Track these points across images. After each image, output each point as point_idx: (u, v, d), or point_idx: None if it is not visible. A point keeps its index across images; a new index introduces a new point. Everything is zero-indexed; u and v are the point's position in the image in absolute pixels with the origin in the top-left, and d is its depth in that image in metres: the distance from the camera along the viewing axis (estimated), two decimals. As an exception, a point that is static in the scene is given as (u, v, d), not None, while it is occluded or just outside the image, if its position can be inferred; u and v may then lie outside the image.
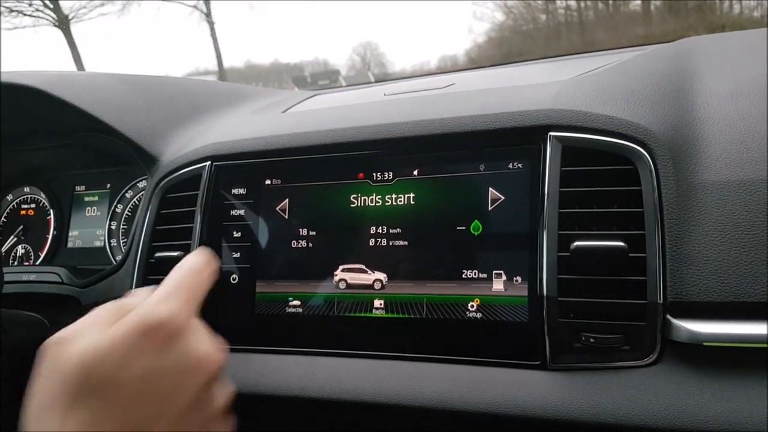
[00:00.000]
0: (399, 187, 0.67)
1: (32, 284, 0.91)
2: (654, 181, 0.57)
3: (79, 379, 0.36)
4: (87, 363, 0.36)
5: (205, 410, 0.41)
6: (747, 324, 0.51)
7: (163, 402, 0.38)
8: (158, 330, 0.38)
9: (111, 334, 0.37)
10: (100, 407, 0.36)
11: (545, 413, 0.56)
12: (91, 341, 0.37)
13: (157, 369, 0.37)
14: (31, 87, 0.87)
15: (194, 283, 0.44)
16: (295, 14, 12.92)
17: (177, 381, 0.38)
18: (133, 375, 0.36)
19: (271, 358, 0.69)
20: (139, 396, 0.37)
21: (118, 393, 0.36)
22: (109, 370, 0.36)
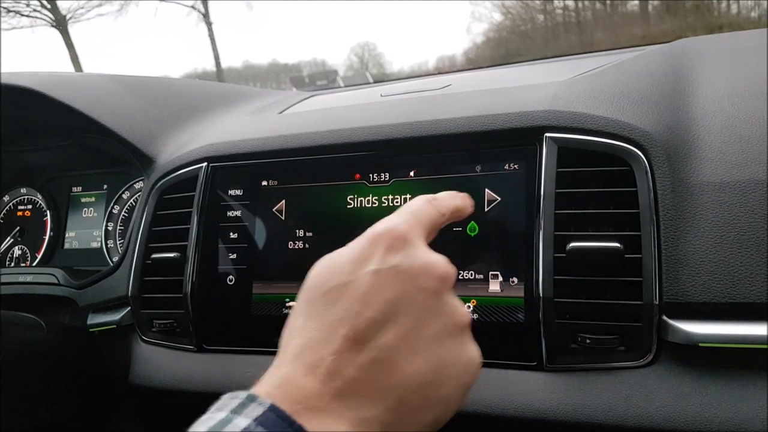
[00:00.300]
0: (395, 188, 0.67)
1: (29, 285, 0.90)
2: (650, 182, 0.57)
3: (314, 283, 0.41)
4: (323, 268, 0.42)
5: (439, 319, 0.41)
6: (743, 325, 0.51)
7: (393, 303, 0.39)
8: (383, 236, 0.42)
9: (347, 246, 0.43)
10: (329, 309, 0.39)
11: (541, 414, 0.56)
12: (330, 254, 0.43)
13: (383, 270, 0.40)
14: (27, 88, 0.87)
15: (422, 208, 0.47)
16: (293, 14, 12.94)
17: (404, 283, 0.40)
18: (363, 275, 0.40)
19: (268, 360, 0.69)
20: (367, 295, 0.39)
21: (347, 294, 0.39)
22: (341, 274, 0.40)
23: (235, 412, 0.34)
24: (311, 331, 0.39)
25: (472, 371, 0.42)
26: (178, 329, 0.75)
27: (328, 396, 0.36)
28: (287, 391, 0.36)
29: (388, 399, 0.37)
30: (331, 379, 0.36)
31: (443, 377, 0.40)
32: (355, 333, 0.38)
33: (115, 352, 0.81)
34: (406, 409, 0.38)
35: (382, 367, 0.38)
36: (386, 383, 0.38)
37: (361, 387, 0.37)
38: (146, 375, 0.76)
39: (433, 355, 0.40)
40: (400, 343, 0.38)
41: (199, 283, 0.74)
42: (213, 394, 0.70)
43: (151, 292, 0.78)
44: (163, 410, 0.85)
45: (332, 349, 0.37)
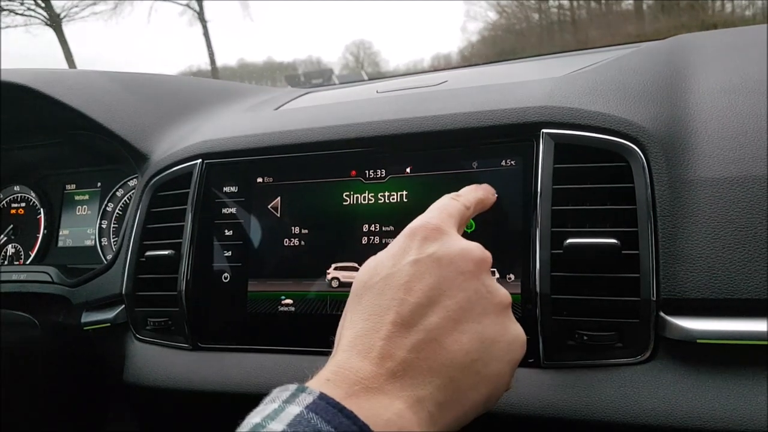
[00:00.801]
0: (392, 184, 0.67)
1: (22, 284, 0.90)
2: (647, 178, 0.57)
3: (361, 281, 0.45)
4: (368, 268, 0.46)
5: (480, 300, 0.43)
6: (741, 321, 0.51)
7: (434, 287, 0.42)
8: (418, 230, 0.45)
9: (388, 246, 0.47)
10: (376, 300, 0.43)
11: (539, 411, 0.56)
12: (374, 255, 0.47)
13: (422, 259, 0.43)
14: (20, 84, 0.86)
15: (448, 203, 0.50)
16: (288, 13, 12.93)
17: (442, 269, 0.43)
18: (403, 266, 0.43)
19: (263, 358, 0.69)
20: (410, 283, 0.42)
21: (391, 284, 0.43)
22: (384, 268, 0.44)
23: (287, 402, 0.35)
24: (361, 322, 0.42)
25: (517, 348, 0.45)
26: (172, 327, 0.75)
27: (382, 377, 0.38)
28: (344, 375, 0.38)
29: (439, 377, 0.40)
30: (384, 362, 0.39)
31: (490, 354, 0.42)
32: (402, 318, 0.41)
33: (110, 351, 0.81)
34: (458, 386, 0.40)
35: (430, 347, 0.40)
36: (436, 362, 0.40)
37: (412, 367, 0.39)
38: (140, 373, 0.76)
39: (478, 333, 0.42)
40: (446, 324, 0.41)
41: (193, 281, 0.73)
42: (208, 392, 0.71)
43: (146, 290, 0.77)
44: (158, 409, 0.84)
45: (382, 335, 0.40)
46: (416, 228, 0.46)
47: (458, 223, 0.49)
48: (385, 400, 0.37)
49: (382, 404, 0.37)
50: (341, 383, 0.38)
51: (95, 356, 0.83)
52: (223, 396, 0.69)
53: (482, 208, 0.56)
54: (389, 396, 0.38)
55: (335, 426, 0.33)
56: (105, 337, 0.81)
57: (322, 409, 0.34)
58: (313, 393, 0.35)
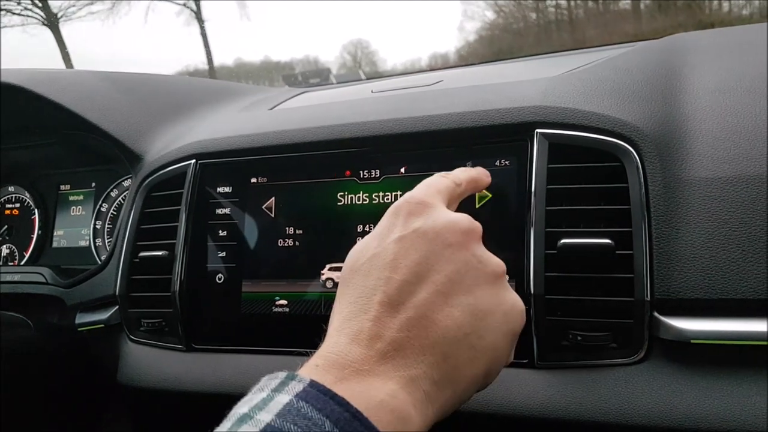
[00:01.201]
0: (386, 184, 0.67)
1: (16, 285, 0.89)
2: (641, 178, 0.56)
3: (347, 265, 0.44)
4: (355, 251, 0.45)
5: (471, 271, 0.42)
6: (735, 321, 0.51)
7: (421, 263, 0.41)
8: (402, 206, 0.44)
9: (376, 226, 0.46)
10: (362, 282, 0.42)
11: (533, 412, 0.56)
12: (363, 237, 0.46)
13: (406, 235, 0.42)
14: (13, 85, 0.86)
15: (436, 179, 0.49)
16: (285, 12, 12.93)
17: (429, 243, 0.42)
18: (388, 244, 0.42)
19: (257, 359, 0.69)
20: (395, 261, 0.41)
21: (377, 264, 0.42)
22: (370, 249, 0.43)
23: (276, 390, 0.34)
24: (349, 305, 0.41)
25: (515, 317, 0.44)
26: (166, 328, 0.75)
27: (373, 359, 0.37)
28: (333, 360, 0.37)
29: (432, 354, 0.39)
30: (373, 343, 0.38)
31: (485, 326, 0.41)
32: (389, 297, 0.40)
33: (104, 352, 0.80)
34: (452, 362, 0.39)
35: (420, 324, 0.39)
36: (427, 340, 0.39)
37: (404, 347, 0.38)
38: (134, 375, 0.76)
39: (470, 306, 0.41)
40: (435, 299, 0.40)
41: (187, 282, 0.73)
42: (202, 393, 0.70)
43: (139, 290, 0.77)
44: (153, 410, 0.84)
45: (371, 316, 0.39)
46: (400, 204, 0.45)
47: (447, 198, 0.48)
48: (378, 382, 0.36)
49: (374, 386, 0.36)
50: (331, 368, 0.37)
51: (89, 357, 0.83)
52: (218, 397, 0.69)
53: (475, 188, 0.54)
54: (381, 378, 0.37)
55: (327, 414, 0.32)
56: (99, 338, 0.81)
57: (312, 396, 0.33)
58: (303, 380, 0.34)
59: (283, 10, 7.50)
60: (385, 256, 0.42)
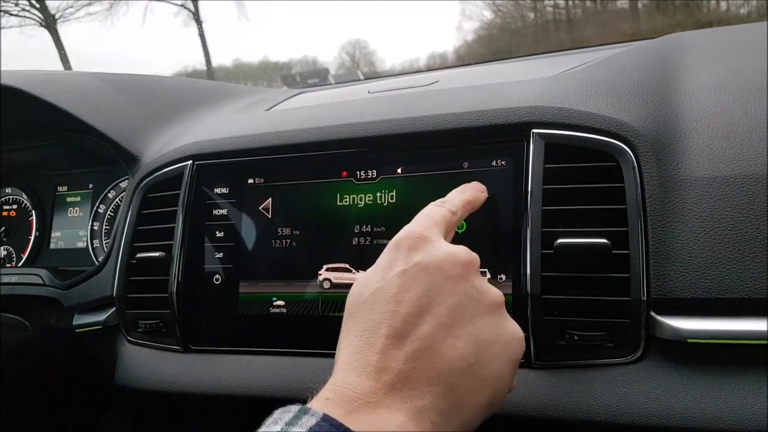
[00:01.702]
0: (383, 185, 0.67)
1: (14, 286, 0.89)
2: (637, 178, 0.56)
3: (352, 300, 0.45)
4: (358, 285, 0.46)
5: (471, 302, 0.43)
6: (731, 320, 0.51)
7: (423, 296, 0.42)
8: (403, 240, 0.45)
9: (377, 260, 0.47)
10: (368, 315, 0.42)
11: (530, 411, 0.56)
12: (363, 272, 0.47)
13: (408, 269, 0.43)
14: (10, 86, 0.86)
15: (433, 210, 0.50)
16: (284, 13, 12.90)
17: (430, 276, 0.43)
18: (391, 278, 0.43)
19: (255, 359, 0.69)
20: (399, 294, 0.42)
21: (381, 298, 0.43)
22: (373, 283, 0.44)
23: (290, 424, 0.35)
24: (356, 339, 0.42)
25: (515, 346, 0.45)
26: (163, 329, 0.75)
27: (381, 391, 0.38)
28: (343, 393, 0.38)
29: (438, 385, 0.40)
30: (381, 376, 0.39)
31: (487, 356, 0.42)
32: (395, 330, 0.41)
33: (101, 353, 0.80)
34: (458, 392, 0.40)
35: (425, 356, 0.40)
36: (433, 371, 0.40)
37: (410, 378, 0.39)
38: (132, 376, 0.76)
39: (472, 336, 0.42)
40: (439, 331, 0.41)
41: (184, 283, 0.73)
42: (199, 394, 0.70)
43: (137, 292, 0.77)
44: (151, 411, 0.84)
45: (377, 349, 0.40)
46: (401, 239, 0.46)
47: (444, 229, 0.49)
48: (386, 414, 0.37)
49: (383, 418, 0.37)
50: (341, 401, 0.37)
51: (87, 359, 0.83)
52: (216, 398, 0.69)
53: (471, 209, 0.55)
54: (389, 409, 0.38)
55: None
56: (97, 339, 0.81)
57: (326, 430, 0.34)
58: (316, 414, 0.35)
59: (281, 10, 7.49)
60: (389, 289, 0.43)
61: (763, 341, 0.49)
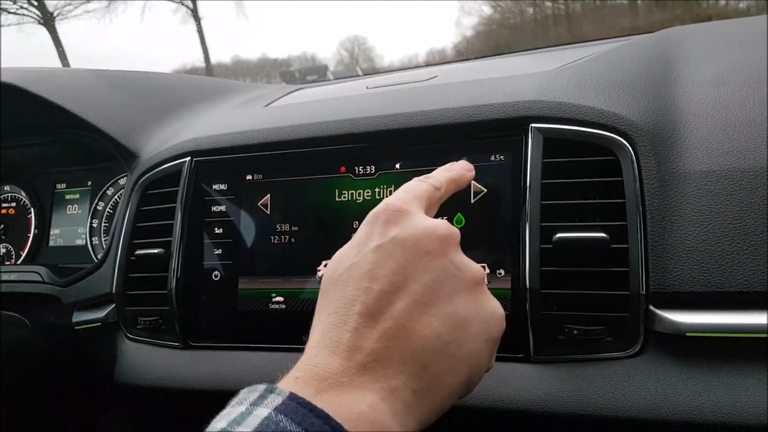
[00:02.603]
0: (381, 180, 0.67)
1: (13, 284, 0.89)
2: (636, 172, 0.56)
3: (327, 276, 0.44)
4: (333, 261, 0.44)
5: (449, 279, 0.42)
6: (730, 314, 0.51)
7: (399, 272, 0.41)
8: (380, 215, 0.44)
9: (354, 234, 0.45)
10: (341, 292, 0.41)
11: (529, 406, 0.56)
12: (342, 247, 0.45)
13: (384, 244, 0.42)
14: (8, 83, 0.85)
15: (414, 184, 0.48)
16: (282, 9, 12.90)
17: (406, 251, 0.41)
18: (366, 253, 0.42)
19: (254, 356, 0.69)
20: (374, 270, 0.41)
21: (355, 274, 0.41)
22: (348, 258, 0.43)
23: (255, 404, 0.34)
24: (328, 317, 0.40)
25: (494, 324, 0.43)
26: (163, 326, 0.75)
27: (353, 370, 0.37)
28: (313, 372, 0.37)
29: (411, 365, 0.38)
30: (352, 355, 0.38)
31: (464, 335, 0.41)
32: (368, 308, 0.39)
33: (101, 350, 0.80)
34: (432, 372, 0.39)
35: (399, 335, 0.39)
36: (406, 350, 0.38)
37: (383, 358, 0.38)
38: (132, 373, 0.76)
39: (448, 314, 0.40)
40: (413, 309, 0.40)
41: (183, 279, 0.73)
42: (199, 391, 0.70)
43: (136, 288, 0.77)
44: (151, 408, 0.84)
45: (349, 327, 0.39)
46: (378, 212, 0.44)
47: (426, 203, 0.47)
48: (358, 393, 0.36)
49: (354, 398, 0.36)
50: (311, 380, 0.36)
51: (86, 356, 0.83)
52: (215, 394, 0.69)
53: (457, 188, 0.52)
54: (361, 389, 0.36)
55: (306, 427, 0.32)
56: (96, 336, 0.81)
57: (291, 410, 0.33)
58: (282, 393, 0.34)
59: (280, 7, 7.48)
60: (364, 265, 0.41)
61: (763, 334, 0.49)
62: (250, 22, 9.52)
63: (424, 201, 0.47)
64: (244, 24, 9.71)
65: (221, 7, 8.21)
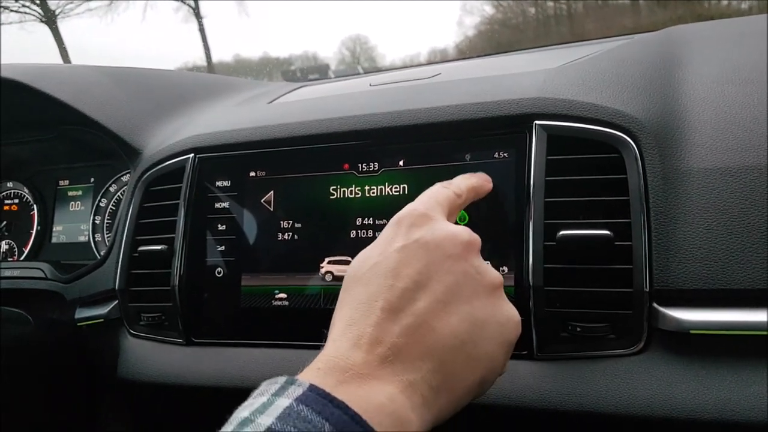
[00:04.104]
0: (385, 178, 0.67)
1: (16, 280, 0.89)
2: (640, 169, 0.56)
3: (350, 274, 0.45)
4: (357, 260, 0.46)
5: (469, 282, 0.43)
6: (734, 311, 0.51)
7: (422, 272, 0.42)
8: (405, 217, 0.46)
9: (378, 236, 0.47)
10: (365, 289, 0.42)
11: (532, 403, 0.56)
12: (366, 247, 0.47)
13: (408, 245, 0.43)
14: (11, 79, 0.85)
15: (438, 191, 0.50)
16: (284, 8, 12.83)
17: (429, 253, 0.43)
18: (390, 253, 0.43)
19: (257, 352, 0.69)
20: (397, 269, 0.42)
21: (379, 272, 0.43)
22: (372, 258, 0.44)
23: (277, 394, 0.35)
24: (351, 311, 0.42)
25: (510, 328, 0.45)
26: (166, 322, 0.75)
27: (374, 363, 0.38)
28: (335, 363, 0.38)
29: (430, 360, 0.40)
30: (374, 348, 0.39)
31: (481, 336, 0.42)
32: (390, 304, 0.41)
33: (104, 347, 0.80)
34: (449, 369, 0.40)
35: (419, 331, 0.40)
36: (426, 346, 0.40)
37: (403, 352, 0.39)
38: (134, 369, 0.76)
39: (467, 315, 0.42)
40: (434, 307, 0.41)
41: (187, 276, 0.73)
42: (202, 387, 0.70)
43: (139, 285, 0.77)
44: (153, 404, 0.84)
45: (372, 321, 0.40)
46: (403, 216, 0.46)
47: (447, 209, 0.49)
48: (377, 385, 0.37)
49: (374, 390, 0.37)
50: (332, 372, 0.38)
51: (89, 352, 0.83)
52: (218, 391, 0.69)
53: (476, 196, 0.55)
54: (381, 381, 0.38)
55: (326, 417, 0.33)
56: (99, 332, 0.81)
57: (312, 400, 0.34)
58: (302, 384, 0.35)
59: (281, 6, 7.43)
60: (388, 264, 0.43)
61: (765, 332, 0.49)
62: (251, 20, 9.47)
63: (446, 207, 0.49)
64: (246, 22, 9.66)
65: (223, 5, 8.15)
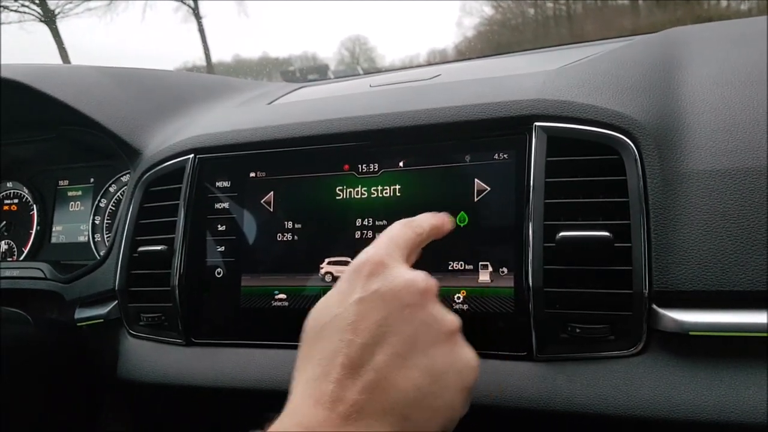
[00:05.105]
0: (385, 178, 0.67)
1: (15, 280, 0.89)
2: (639, 171, 0.56)
3: (310, 326, 0.45)
4: (317, 310, 0.46)
5: (427, 331, 0.44)
6: (733, 313, 0.51)
7: (380, 325, 0.42)
8: (363, 266, 0.45)
9: (335, 286, 0.47)
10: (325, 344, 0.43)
11: (532, 404, 0.56)
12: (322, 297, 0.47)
13: (366, 297, 0.43)
14: (11, 80, 0.85)
15: (398, 232, 0.50)
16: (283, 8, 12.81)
17: (387, 304, 0.43)
18: (349, 306, 0.43)
19: (257, 353, 0.69)
20: (356, 323, 0.42)
21: (338, 325, 0.43)
22: (332, 309, 0.44)
23: None
24: (313, 367, 0.42)
25: (468, 374, 0.45)
26: (165, 323, 0.75)
27: (336, 422, 0.39)
28: (299, 422, 0.39)
29: (392, 415, 0.40)
30: (335, 406, 0.39)
31: (441, 386, 0.43)
32: (351, 360, 0.41)
33: (103, 347, 0.80)
34: (412, 423, 0.41)
35: (380, 387, 0.40)
36: (388, 401, 0.40)
37: (365, 409, 0.39)
38: (134, 369, 0.76)
39: (427, 366, 0.42)
40: (394, 361, 0.41)
41: (186, 276, 0.73)
42: (201, 387, 0.70)
43: (139, 285, 0.77)
44: (152, 404, 0.84)
45: (332, 378, 0.40)
46: (360, 264, 0.46)
47: (406, 251, 0.49)
48: None
49: None
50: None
51: (89, 352, 0.83)
52: (217, 391, 0.69)
53: (437, 234, 0.54)
54: None
55: None
56: (98, 332, 0.81)
57: None
58: None
59: (281, 6, 7.43)
60: (347, 317, 0.43)
61: (764, 334, 0.49)
62: (250, 20, 9.45)
63: (404, 249, 0.49)
64: (245, 23, 9.65)
65: (222, 5, 8.14)
